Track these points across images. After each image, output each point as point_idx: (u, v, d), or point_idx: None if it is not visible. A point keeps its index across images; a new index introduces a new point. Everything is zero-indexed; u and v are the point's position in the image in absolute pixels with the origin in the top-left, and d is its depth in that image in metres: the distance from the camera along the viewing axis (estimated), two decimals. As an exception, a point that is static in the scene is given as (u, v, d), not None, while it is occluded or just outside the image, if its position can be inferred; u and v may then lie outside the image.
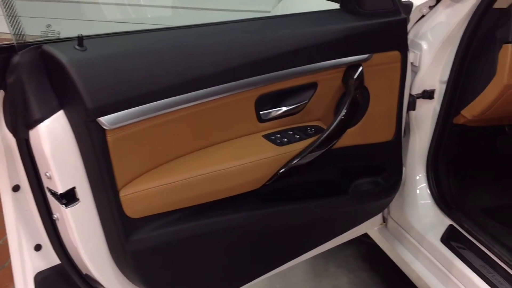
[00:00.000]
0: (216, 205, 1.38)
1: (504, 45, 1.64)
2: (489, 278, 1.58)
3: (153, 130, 1.24)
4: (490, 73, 1.68)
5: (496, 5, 1.61)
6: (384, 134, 1.68)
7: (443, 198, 1.84)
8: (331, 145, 1.48)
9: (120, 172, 1.21)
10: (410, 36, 1.74)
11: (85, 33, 1.21)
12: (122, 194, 1.23)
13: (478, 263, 1.64)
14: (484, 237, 1.67)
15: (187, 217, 1.33)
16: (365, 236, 2.14)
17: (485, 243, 1.65)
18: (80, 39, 1.16)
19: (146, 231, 1.29)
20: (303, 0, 1.64)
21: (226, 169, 1.35)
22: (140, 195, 1.25)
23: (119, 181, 1.22)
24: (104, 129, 1.16)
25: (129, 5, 2.96)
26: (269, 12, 2.75)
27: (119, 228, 1.25)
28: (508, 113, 1.80)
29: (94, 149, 1.17)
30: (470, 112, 1.77)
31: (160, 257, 1.34)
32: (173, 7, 2.95)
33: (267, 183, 1.44)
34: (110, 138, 1.17)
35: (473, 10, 1.61)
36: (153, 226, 1.30)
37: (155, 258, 1.33)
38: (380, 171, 1.74)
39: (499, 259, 1.60)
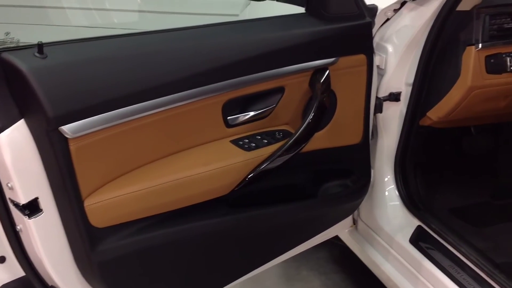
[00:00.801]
0: (184, 212, 1.36)
1: (468, 47, 1.67)
2: (457, 278, 1.60)
3: (119, 138, 1.22)
4: (454, 75, 1.71)
5: (459, 8, 1.63)
6: (352, 137, 1.68)
7: (411, 199, 1.86)
8: (299, 149, 1.48)
9: (84, 181, 1.19)
10: (375, 39, 1.75)
11: (47, 39, 1.18)
12: (87, 203, 1.21)
13: (446, 263, 1.66)
14: (452, 237, 1.69)
15: (155, 225, 1.31)
16: (337, 238, 2.15)
17: (453, 243, 1.67)
18: (40, 46, 1.14)
19: (113, 240, 1.27)
20: (271, 4, 1.64)
21: (194, 175, 1.34)
22: (105, 204, 1.23)
23: (84, 191, 1.20)
24: (66, 138, 1.13)
25: (94, 9, 2.92)
26: (237, 15, 2.75)
27: (84, 238, 1.23)
28: (473, 114, 1.82)
29: (57, 159, 1.14)
30: (436, 114, 1.79)
31: (127, 267, 1.32)
32: (139, 11, 2.93)
33: (236, 189, 1.43)
34: (73, 147, 1.15)
35: (437, 13, 1.63)
36: (120, 236, 1.28)
37: (122, 268, 1.31)
38: (349, 174, 1.75)
39: (467, 259, 1.62)
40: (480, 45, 1.65)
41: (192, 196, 1.36)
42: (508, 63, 1.67)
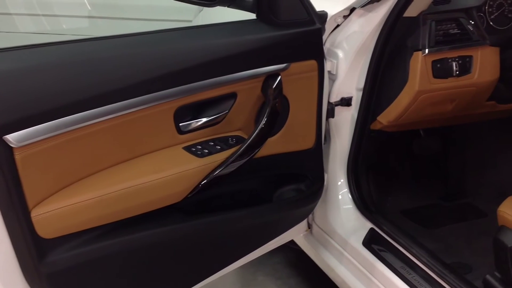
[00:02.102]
0: (137, 221, 1.34)
1: (415, 53, 1.71)
2: (408, 279, 1.62)
3: (67, 146, 1.19)
4: (403, 80, 1.74)
5: (406, 14, 1.67)
6: (304, 142, 1.70)
7: (363, 202, 1.89)
8: (252, 154, 1.48)
9: (31, 191, 1.16)
10: (326, 45, 1.78)
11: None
12: (34, 214, 1.18)
13: (398, 264, 1.68)
14: (403, 239, 1.72)
15: (106, 234, 1.29)
16: (292, 243, 2.16)
17: (404, 244, 1.70)
18: None
19: (62, 251, 1.24)
20: (223, 10, 1.64)
21: (146, 183, 1.32)
22: (54, 214, 1.20)
23: (30, 201, 1.17)
24: (11, 147, 1.10)
25: (43, 15, 2.85)
26: (190, 21, 2.74)
27: (31, 249, 1.20)
28: (422, 118, 1.87)
29: (1, 168, 1.11)
30: (386, 118, 1.82)
31: (77, 278, 1.29)
32: (89, 17, 2.88)
33: (189, 196, 1.41)
34: (18, 156, 1.12)
35: (385, 19, 1.66)
36: (69, 246, 1.25)
37: (72, 279, 1.28)
38: (303, 179, 1.76)
39: (418, 260, 1.65)
40: (426, 51, 1.69)
41: (144, 204, 1.34)
42: (454, 68, 1.72)
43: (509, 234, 1.48)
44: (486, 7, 1.80)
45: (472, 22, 1.75)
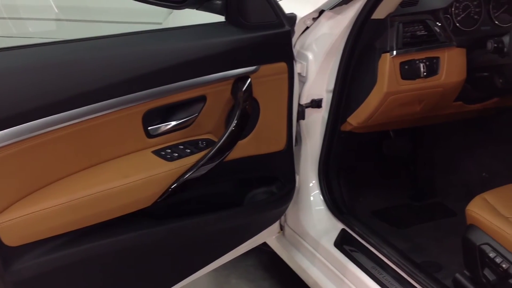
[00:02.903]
0: (106, 227, 1.33)
1: (383, 55, 1.72)
2: (379, 279, 1.64)
3: (32, 151, 1.17)
4: (371, 82, 1.75)
5: (374, 16, 1.68)
6: (275, 144, 1.70)
7: (335, 204, 1.89)
8: (223, 157, 1.47)
9: (-6, 198, 1.13)
10: (296, 47, 1.78)
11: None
12: (-1, 221, 1.15)
13: (370, 265, 1.69)
14: (374, 239, 1.73)
15: (73, 241, 1.27)
16: (265, 245, 2.16)
17: (375, 245, 1.71)
18: None
19: (28, 259, 1.21)
20: (194, 12, 1.63)
21: (114, 188, 1.30)
22: (19, 222, 1.18)
23: None
24: None
25: (8, 18, 2.80)
26: (160, 23, 2.72)
27: (-4, 258, 1.17)
28: (391, 119, 1.88)
29: None
30: (356, 119, 1.83)
31: (46, 286, 1.26)
32: (57, 20, 2.83)
33: (158, 200, 1.40)
34: None
35: (353, 21, 1.67)
36: (35, 254, 1.22)
37: (40, 287, 1.25)
38: (274, 181, 1.76)
39: (388, 260, 1.66)
40: (394, 52, 1.71)
41: (113, 209, 1.33)
42: (422, 69, 1.74)
43: (478, 233, 1.50)
44: (453, 9, 1.83)
45: (439, 24, 1.77)
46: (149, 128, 1.40)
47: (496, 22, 1.89)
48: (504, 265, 1.41)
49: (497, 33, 1.76)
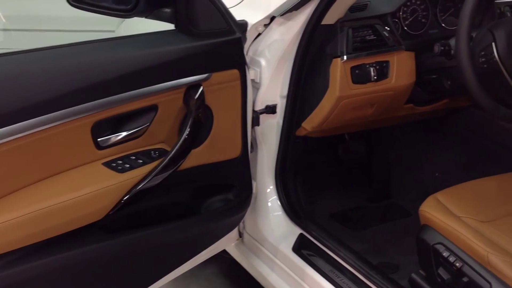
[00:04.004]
0: (55, 242, 1.29)
1: (334, 59, 1.74)
2: (337, 282, 1.65)
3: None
4: (324, 86, 1.77)
5: (324, 22, 1.69)
6: (231, 151, 1.69)
7: (292, 208, 1.90)
8: (176, 166, 1.46)
9: None
10: (249, 54, 1.78)
11: None
12: None
13: (327, 268, 1.70)
14: (331, 243, 1.74)
15: (20, 259, 1.23)
16: (226, 252, 2.15)
17: (332, 248, 1.72)
18: None
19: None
20: (146, 19, 1.63)
21: (64, 202, 1.27)
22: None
23: None
24: None
25: None
26: (113, 31, 2.69)
27: None
28: (344, 122, 1.90)
29: None
30: (310, 124, 1.85)
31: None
32: (4, 30, 2.75)
33: (111, 213, 1.38)
34: None
35: (304, 27, 1.68)
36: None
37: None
38: (230, 188, 1.76)
39: (346, 263, 1.67)
40: (345, 57, 1.72)
41: (64, 224, 1.30)
42: (372, 73, 1.76)
43: (431, 233, 1.53)
44: (401, 13, 1.86)
45: (388, 28, 1.80)
46: (99, 139, 1.37)
47: (443, 25, 1.93)
48: (457, 264, 1.44)
49: (445, 36, 1.80)
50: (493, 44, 1.57)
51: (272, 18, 1.73)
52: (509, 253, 1.39)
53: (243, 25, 1.67)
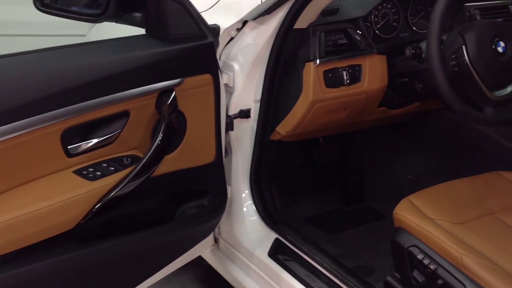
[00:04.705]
0: (25, 253, 1.26)
1: (307, 63, 1.73)
2: (313, 286, 1.64)
3: None
4: (297, 91, 1.76)
5: (297, 26, 1.69)
6: (205, 157, 1.68)
7: (268, 213, 1.89)
8: (149, 173, 1.44)
9: None
10: (222, 58, 1.77)
11: None
12: None
13: (303, 273, 1.70)
14: (307, 247, 1.74)
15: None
16: (201, 258, 2.13)
17: (308, 252, 1.72)
18: None
19: None
20: (116, 23, 1.62)
21: (31, 212, 1.24)
22: None
23: None
24: None
25: None
26: (84, 35, 2.66)
27: None
28: (318, 126, 1.90)
29: None
30: (284, 128, 1.84)
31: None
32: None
33: (82, 222, 1.35)
34: None
35: (276, 31, 1.68)
36: None
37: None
38: (205, 194, 1.74)
39: (321, 267, 1.67)
40: (317, 61, 1.72)
41: (33, 234, 1.27)
42: (345, 77, 1.76)
43: (405, 236, 1.54)
44: (372, 17, 1.87)
45: (359, 32, 1.80)
46: (69, 147, 1.35)
47: (414, 29, 1.95)
48: (432, 266, 1.45)
49: (416, 39, 1.82)
50: (464, 47, 1.59)
51: (244, 22, 1.73)
52: (483, 255, 1.40)
53: (215, 29, 1.66)
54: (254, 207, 1.90)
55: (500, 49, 1.61)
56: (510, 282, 1.33)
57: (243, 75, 1.76)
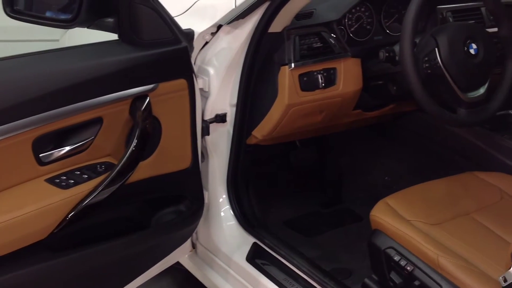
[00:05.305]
0: None
1: (282, 67, 1.73)
2: (291, 290, 1.65)
3: None
4: (273, 94, 1.76)
5: (271, 30, 1.69)
6: (181, 162, 1.67)
7: (245, 217, 1.89)
8: (124, 180, 1.42)
9: None
10: (197, 63, 1.76)
11: None
12: None
13: (281, 277, 1.70)
14: (285, 251, 1.74)
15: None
16: (180, 263, 2.12)
17: (286, 256, 1.72)
18: None
19: None
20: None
21: (3, 222, 1.22)
22: None
23: None
24: None
25: None
26: (57, 40, 2.63)
27: None
28: (295, 129, 1.90)
29: None
30: (260, 132, 1.84)
31: None
32: None
33: (55, 231, 1.33)
34: None
35: (251, 35, 1.67)
36: None
37: None
38: (182, 199, 1.73)
39: (299, 270, 1.67)
40: (292, 65, 1.72)
41: (5, 244, 1.24)
42: (320, 80, 1.77)
43: (382, 237, 1.54)
44: (346, 20, 1.87)
45: (334, 36, 1.81)
46: (40, 155, 1.33)
47: (388, 32, 1.96)
48: (408, 268, 1.45)
49: (389, 42, 1.82)
50: (436, 49, 1.61)
51: (219, 27, 1.72)
52: (459, 255, 1.42)
53: (189, 34, 1.66)
54: (231, 212, 1.89)
55: (472, 51, 1.63)
56: (485, 282, 1.34)
57: (219, 79, 1.75)
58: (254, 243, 1.83)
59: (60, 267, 1.38)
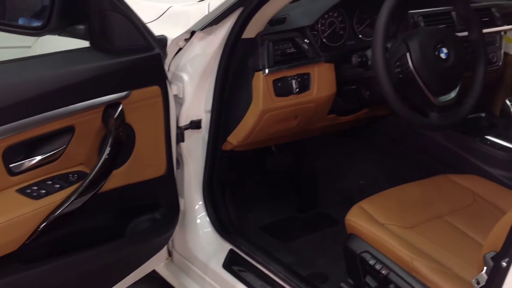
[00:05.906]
0: None
1: (256, 73, 1.73)
2: (268, 296, 1.64)
3: None
4: (247, 100, 1.76)
5: (245, 36, 1.69)
6: (155, 170, 1.65)
7: (221, 224, 1.87)
8: (97, 189, 1.41)
9: None
10: (171, 69, 1.75)
11: None
12: None
13: (258, 283, 1.69)
14: (261, 257, 1.73)
15: None
16: (156, 272, 2.10)
17: (262, 262, 1.71)
18: None
19: None
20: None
21: None
22: None
23: None
24: None
25: None
26: (29, 47, 2.59)
27: None
28: (270, 135, 1.90)
29: None
30: (235, 138, 1.83)
31: None
32: None
33: (27, 242, 1.30)
34: None
35: (224, 41, 1.67)
36: None
37: None
38: (157, 207, 1.72)
39: (276, 276, 1.67)
40: (266, 71, 1.72)
41: None
42: (294, 86, 1.77)
43: (357, 242, 1.55)
44: (319, 25, 1.88)
45: (307, 41, 1.81)
46: (11, 165, 1.31)
47: (360, 37, 1.98)
48: (383, 271, 1.47)
49: (362, 47, 1.84)
50: (408, 54, 1.63)
51: (192, 33, 1.71)
52: (433, 258, 1.43)
53: (162, 40, 1.64)
54: (207, 219, 1.88)
55: (443, 55, 1.65)
56: (459, 284, 1.36)
57: (193, 85, 1.74)
58: (231, 250, 1.82)
59: (31, 279, 1.36)
